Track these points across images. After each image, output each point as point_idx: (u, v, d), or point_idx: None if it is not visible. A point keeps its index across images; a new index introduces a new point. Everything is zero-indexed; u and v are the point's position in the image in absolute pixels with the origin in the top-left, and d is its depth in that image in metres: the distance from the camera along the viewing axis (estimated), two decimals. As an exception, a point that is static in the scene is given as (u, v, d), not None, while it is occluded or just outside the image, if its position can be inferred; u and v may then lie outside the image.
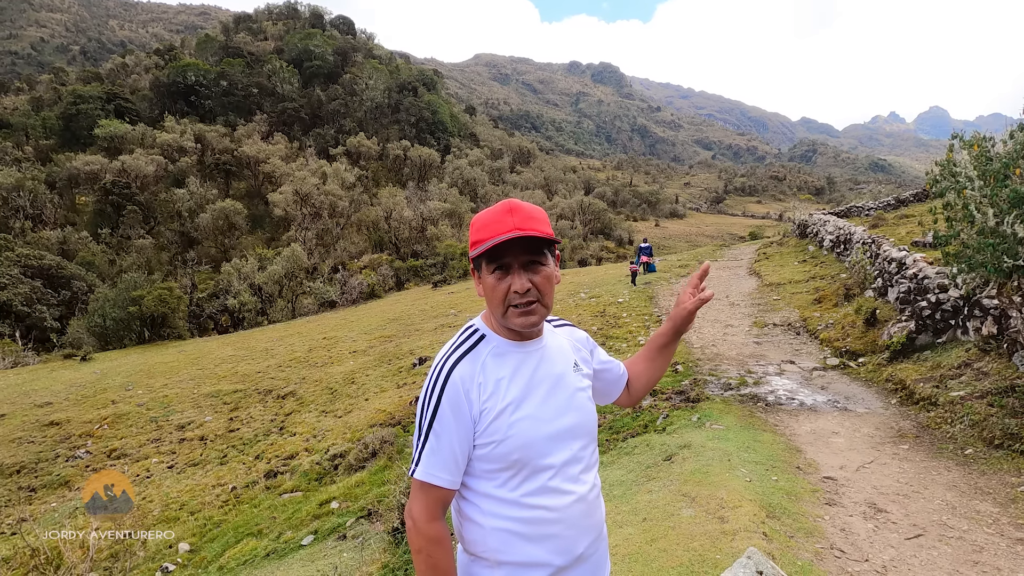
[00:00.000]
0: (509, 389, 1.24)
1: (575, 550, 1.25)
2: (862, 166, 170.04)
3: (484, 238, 1.22)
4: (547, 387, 1.28)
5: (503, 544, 1.22)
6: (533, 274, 1.23)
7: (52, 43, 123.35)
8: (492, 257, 1.22)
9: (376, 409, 9.85)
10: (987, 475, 4.10)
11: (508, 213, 1.22)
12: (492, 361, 1.26)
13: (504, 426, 1.21)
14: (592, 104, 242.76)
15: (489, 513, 1.24)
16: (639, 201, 70.49)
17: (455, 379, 1.23)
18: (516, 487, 1.22)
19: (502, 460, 1.21)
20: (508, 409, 1.22)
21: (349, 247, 39.82)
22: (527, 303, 1.23)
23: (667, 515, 3.49)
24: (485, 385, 1.23)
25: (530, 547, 1.22)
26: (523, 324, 1.24)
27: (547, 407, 1.26)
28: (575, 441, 1.29)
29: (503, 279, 1.23)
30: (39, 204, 39.23)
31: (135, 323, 21.20)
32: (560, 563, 1.23)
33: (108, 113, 52.53)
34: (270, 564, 5.29)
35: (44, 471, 10.28)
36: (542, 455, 1.23)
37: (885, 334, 7.20)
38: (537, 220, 1.23)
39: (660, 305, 12.12)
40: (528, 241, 1.21)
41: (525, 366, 1.27)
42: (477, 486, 1.25)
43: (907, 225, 12.37)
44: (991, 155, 4.83)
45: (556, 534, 1.23)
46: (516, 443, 1.21)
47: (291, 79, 66.71)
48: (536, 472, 1.22)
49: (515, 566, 1.22)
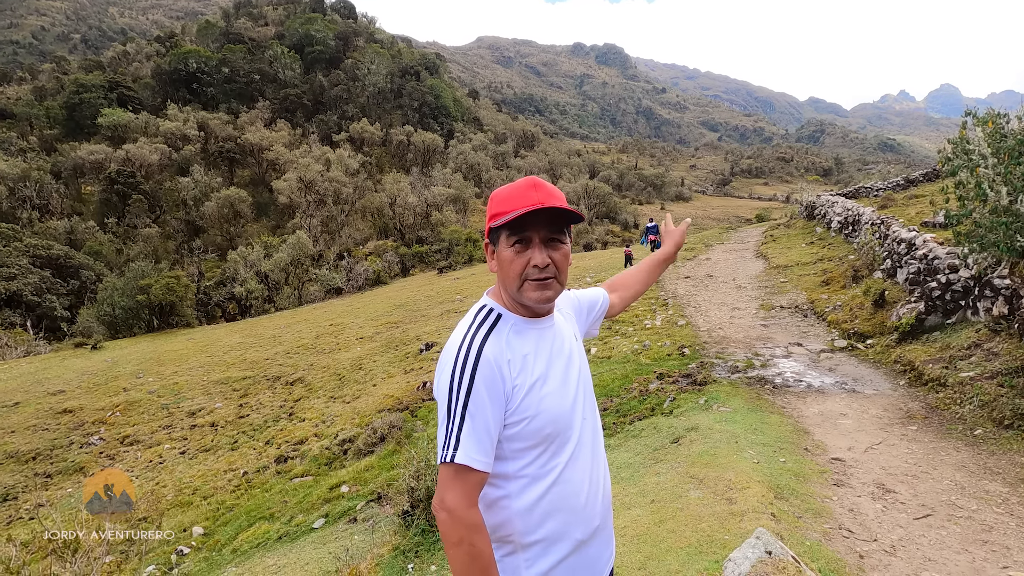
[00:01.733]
0: (536, 365, 1.24)
1: (593, 521, 1.29)
2: (871, 146, 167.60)
3: (507, 210, 1.21)
4: (564, 361, 1.31)
5: (528, 524, 1.22)
6: (553, 250, 1.24)
7: (53, 31, 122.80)
8: (514, 229, 1.22)
9: (384, 394, 9.92)
10: (996, 455, 4.09)
11: (532, 188, 1.22)
12: (515, 338, 1.25)
13: (535, 401, 1.21)
14: (596, 86, 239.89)
15: (516, 494, 1.22)
16: (644, 184, 69.96)
17: (488, 356, 1.19)
18: (547, 462, 1.23)
19: (535, 436, 1.21)
20: (537, 384, 1.22)
21: (354, 234, 39.85)
22: (544, 278, 1.23)
23: (675, 496, 3.51)
24: (514, 362, 1.22)
25: (553, 523, 1.23)
26: (538, 299, 1.24)
27: (566, 380, 1.29)
28: (589, 411, 1.34)
29: (522, 252, 1.23)
30: (45, 194, 39.39)
31: (144, 311, 21.38)
32: (581, 536, 1.26)
33: (111, 102, 52.45)
34: (283, 547, 5.38)
35: (59, 457, 10.45)
36: (569, 427, 1.26)
37: (894, 315, 7.14)
38: (559, 198, 1.24)
39: (666, 288, 12.07)
40: (552, 216, 1.21)
41: (544, 342, 1.29)
42: (505, 468, 1.23)
43: (917, 205, 12.21)
44: (1005, 132, 4.74)
45: (578, 506, 1.26)
46: (548, 417, 1.22)
47: (293, 65, 66.24)
48: (564, 444, 1.25)
49: (542, 544, 1.23)
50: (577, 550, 1.26)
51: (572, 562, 1.25)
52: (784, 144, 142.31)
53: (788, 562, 2.30)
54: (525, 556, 1.23)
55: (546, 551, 1.23)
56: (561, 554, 1.24)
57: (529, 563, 1.22)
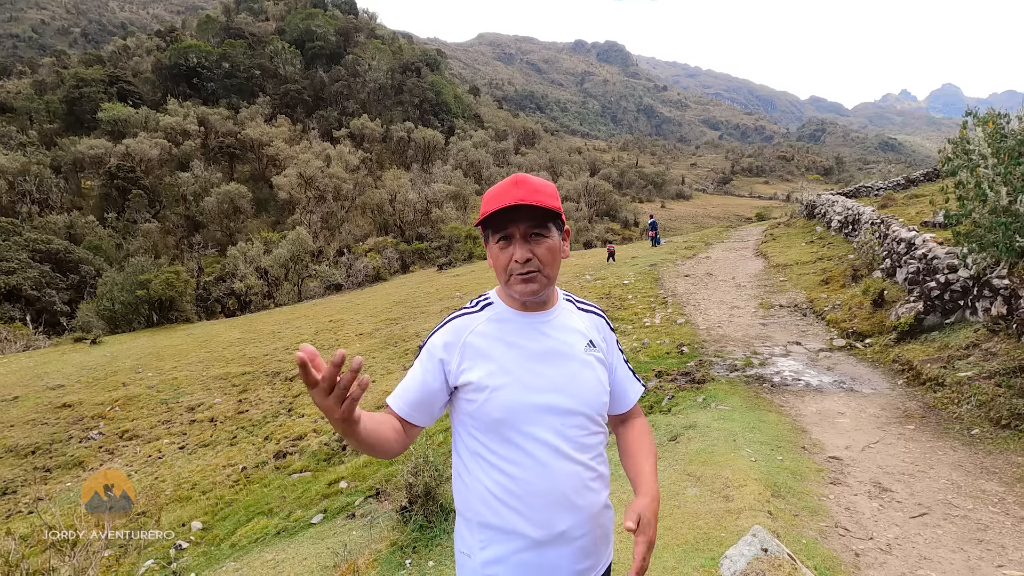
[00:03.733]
0: (500, 353, 1.28)
1: (554, 526, 1.23)
2: (872, 145, 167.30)
3: (490, 208, 1.25)
4: (544, 358, 1.29)
5: (483, 505, 1.26)
6: (535, 245, 1.26)
7: (53, 25, 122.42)
8: (496, 227, 1.27)
9: (383, 391, 9.93)
10: (993, 455, 4.10)
11: (515, 185, 1.25)
12: (490, 325, 1.32)
13: (490, 387, 1.25)
14: (598, 84, 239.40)
15: (474, 472, 1.29)
16: (645, 182, 69.86)
17: (446, 330, 1.32)
18: (496, 449, 1.26)
19: (485, 419, 1.25)
20: (496, 372, 1.26)
21: (354, 230, 39.81)
22: (527, 272, 1.26)
23: (672, 494, 3.52)
24: (474, 344, 1.29)
25: (506, 512, 1.24)
26: (523, 291, 1.28)
27: (539, 377, 1.27)
28: (568, 417, 1.27)
29: (506, 248, 1.27)
30: (45, 188, 39.32)
31: (143, 307, 21.38)
32: (535, 536, 1.23)
33: (111, 96, 52.32)
34: (281, 542, 5.39)
35: (58, 452, 10.46)
36: (527, 423, 1.24)
37: (893, 315, 7.15)
38: (543, 193, 1.25)
39: (666, 287, 12.08)
40: (531, 212, 1.24)
41: (523, 334, 1.31)
42: (468, 443, 1.30)
43: (917, 205, 12.21)
44: (1005, 132, 4.74)
45: (533, 505, 1.23)
46: (498, 404, 1.24)
47: (293, 60, 66.08)
48: (517, 438, 1.24)
49: (495, 530, 1.26)
50: (531, 549, 1.23)
51: (525, 559, 1.24)
52: (785, 143, 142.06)
53: (784, 560, 2.31)
54: (480, 537, 1.28)
55: (496, 539, 1.26)
56: (512, 547, 1.24)
57: (483, 545, 1.27)
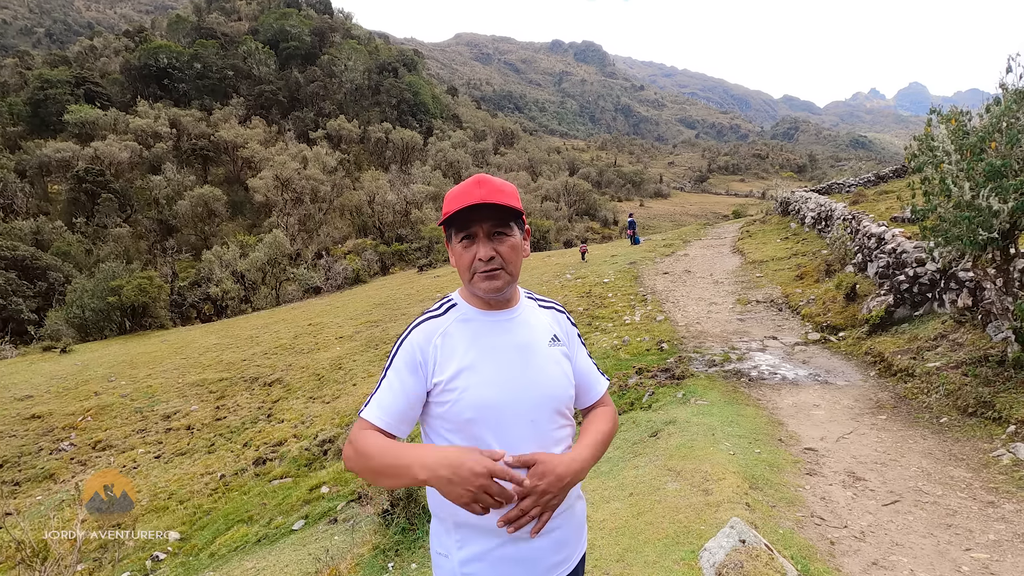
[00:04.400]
0: (468, 352, 1.28)
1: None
2: (843, 143, 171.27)
3: (453, 208, 1.26)
4: (511, 355, 1.30)
5: (456, 506, 1.23)
6: (498, 243, 1.28)
7: (15, 25, 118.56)
8: (460, 226, 1.27)
9: (364, 394, 9.84)
10: (961, 442, 4.23)
11: (476, 185, 1.26)
12: (456, 326, 1.32)
13: (460, 387, 1.25)
14: (575, 84, 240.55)
15: None
16: (624, 181, 70.48)
17: (413, 337, 1.30)
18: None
19: (456, 419, 1.25)
20: (465, 372, 1.26)
21: (332, 232, 39.37)
22: (491, 270, 1.27)
23: (653, 489, 3.56)
24: (442, 347, 1.28)
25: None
26: (487, 288, 1.28)
27: (507, 374, 1.28)
28: (537, 412, 1.28)
29: (469, 247, 1.28)
30: (9, 193, 38.07)
31: (115, 313, 20.85)
32: (511, 532, 1.22)
33: (78, 98, 50.82)
34: (261, 549, 5.31)
35: (28, 464, 10.15)
36: (496, 420, 1.25)
37: (864, 308, 7.33)
38: (505, 193, 1.27)
39: (645, 284, 12.20)
40: (494, 211, 1.25)
41: (490, 333, 1.31)
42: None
43: (886, 201, 12.54)
44: (968, 129, 4.89)
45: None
46: (468, 404, 1.24)
47: (267, 61, 65.04)
48: (489, 436, 1.24)
49: (471, 529, 1.26)
50: (508, 544, 1.25)
51: (504, 554, 1.25)
52: (760, 141, 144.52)
53: (761, 550, 2.36)
54: (456, 537, 1.28)
55: (473, 537, 1.26)
56: (489, 544, 1.25)
57: (460, 544, 1.27)
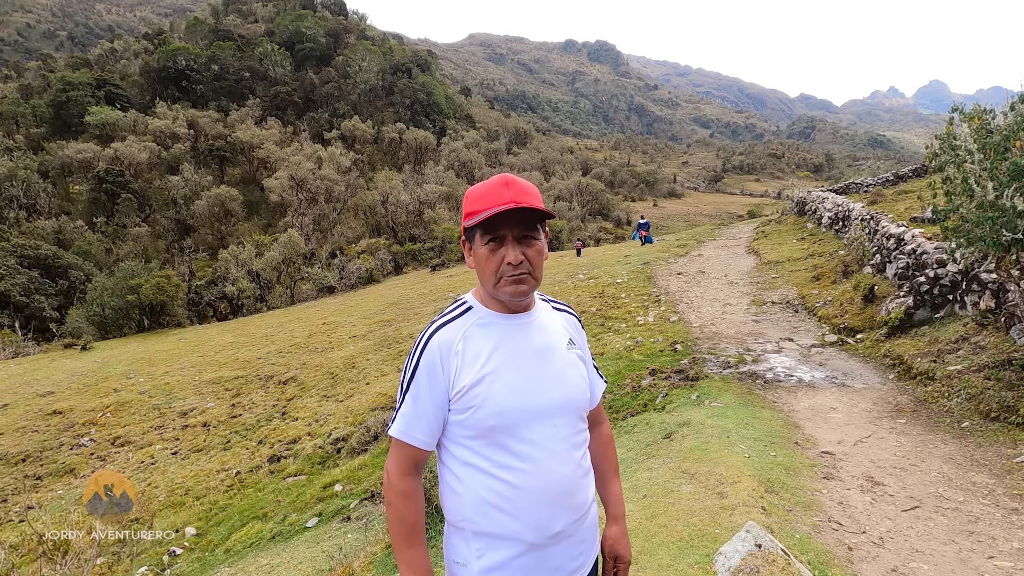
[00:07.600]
0: (490, 358, 1.25)
1: (551, 527, 1.24)
2: (861, 142, 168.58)
3: (480, 209, 1.23)
4: (532, 359, 1.28)
5: (478, 514, 1.23)
6: (526, 247, 1.25)
7: (38, 29, 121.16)
8: (487, 228, 1.24)
9: (377, 393, 9.90)
10: (983, 447, 4.14)
11: (504, 186, 1.24)
12: (475, 330, 1.29)
13: (482, 393, 1.22)
14: (589, 83, 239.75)
15: (466, 481, 1.25)
16: (637, 181, 70.04)
17: (432, 345, 1.27)
18: (490, 456, 1.23)
19: (478, 427, 1.23)
20: (487, 378, 1.23)
21: (346, 232, 39.66)
22: (519, 274, 1.25)
23: (667, 491, 3.53)
24: (464, 353, 1.26)
25: (504, 519, 1.22)
26: (513, 292, 1.26)
27: (529, 379, 1.26)
28: (559, 417, 1.28)
29: (497, 251, 1.25)
30: (32, 193, 38.89)
31: (134, 311, 21.19)
32: (532, 539, 1.22)
33: (98, 100, 51.80)
34: (276, 546, 5.36)
35: (49, 459, 10.36)
36: (519, 426, 1.23)
37: (883, 310, 7.21)
38: (532, 195, 1.25)
39: (659, 285, 12.12)
40: (524, 214, 1.23)
41: (510, 337, 1.29)
42: (457, 453, 1.27)
43: (906, 201, 12.32)
44: (991, 128, 4.79)
45: (529, 509, 1.22)
46: (491, 411, 1.22)
47: (283, 62, 65.68)
48: (512, 443, 1.23)
49: (491, 538, 1.23)
50: (529, 552, 1.23)
51: (525, 563, 1.23)
52: (775, 140, 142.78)
53: (778, 555, 2.33)
54: (476, 546, 1.25)
55: (494, 546, 1.23)
56: (511, 553, 1.23)
57: (479, 553, 1.24)
